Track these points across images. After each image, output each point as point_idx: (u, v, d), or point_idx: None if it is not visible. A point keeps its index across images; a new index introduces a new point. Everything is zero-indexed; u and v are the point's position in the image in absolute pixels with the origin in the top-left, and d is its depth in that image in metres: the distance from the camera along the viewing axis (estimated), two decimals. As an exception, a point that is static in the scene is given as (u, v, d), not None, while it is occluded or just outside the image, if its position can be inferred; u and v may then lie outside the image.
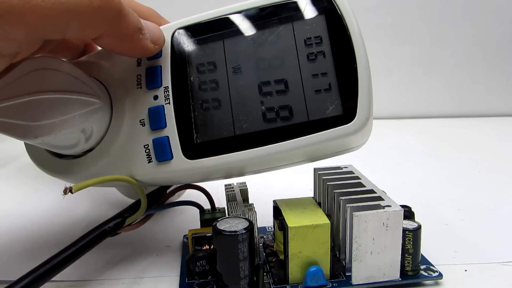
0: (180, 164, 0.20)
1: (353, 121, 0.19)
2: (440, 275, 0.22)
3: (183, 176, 0.21)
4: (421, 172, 0.40)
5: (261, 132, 0.20)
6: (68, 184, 0.19)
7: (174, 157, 0.20)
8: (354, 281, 0.21)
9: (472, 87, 0.65)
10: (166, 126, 0.21)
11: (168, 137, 0.20)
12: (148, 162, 0.21)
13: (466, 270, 0.23)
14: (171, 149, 0.20)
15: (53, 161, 0.22)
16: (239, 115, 0.20)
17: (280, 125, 0.20)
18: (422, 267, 0.22)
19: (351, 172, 0.25)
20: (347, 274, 0.21)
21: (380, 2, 0.60)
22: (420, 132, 0.55)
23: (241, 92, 0.21)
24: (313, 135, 0.20)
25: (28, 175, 0.39)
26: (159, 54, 0.22)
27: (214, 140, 0.20)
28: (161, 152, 0.20)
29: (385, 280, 0.21)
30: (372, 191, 0.22)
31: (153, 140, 0.21)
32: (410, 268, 0.21)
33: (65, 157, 0.22)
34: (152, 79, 0.21)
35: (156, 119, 0.21)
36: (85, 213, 0.31)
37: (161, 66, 0.21)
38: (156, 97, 0.21)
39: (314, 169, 0.26)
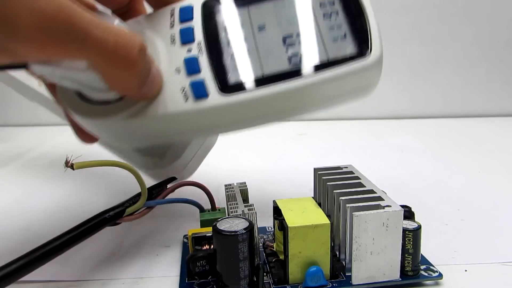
0: (215, 99, 0.22)
1: (370, 55, 0.22)
2: (440, 275, 0.22)
3: (218, 114, 0.22)
4: (421, 172, 0.40)
5: (287, 71, 0.22)
6: (70, 158, 0.19)
7: (209, 94, 0.22)
8: (354, 281, 0.21)
9: (472, 87, 0.65)
10: (200, 71, 0.22)
11: (203, 79, 0.22)
12: (185, 102, 0.22)
13: (466, 270, 0.23)
14: (206, 88, 0.22)
15: (87, 106, 0.23)
16: (267, 61, 0.22)
17: (307, 63, 0.22)
18: (422, 267, 0.22)
19: (351, 172, 0.25)
20: (347, 274, 0.21)
21: (380, 2, 0.60)
22: (420, 132, 0.55)
23: (267, 44, 0.23)
24: (336, 67, 0.22)
25: (27, 175, 0.40)
26: (190, 17, 0.24)
27: (245, 80, 0.22)
28: (198, 90, 0.22)
29: (385, 280, 0.21)
30: (372, 191, 0.22)
31: (189, 82, 0.22)
32: (410, 268, 0.21)
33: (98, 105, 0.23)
34: (186, 36, 0.23)
35: (191, 65, 0.22)
36: (87, 213, 0.30)
37: (193, 28, 0.23)
38: (189, 50, 0.23)
39: (314, 169, 0.26)
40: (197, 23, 0.24)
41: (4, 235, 0.28)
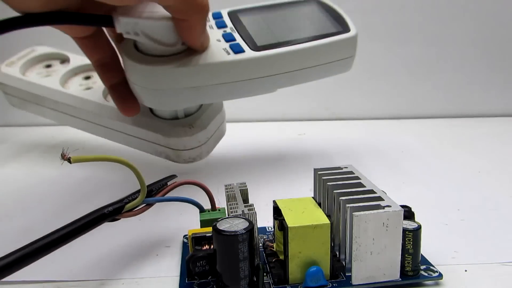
0: (250, 53, 0.31)
1: (350, 32, 0.35)
2: (440, 275, 0.22)
3: (251, 66, 0.32)
4: (421, 172, 0.40)
5: (295, 39, 0.33)
6: (67, 151, 0.19)
7: (245, 51, 0.31)
8: (354, 281, 0.21)
9: (472, 87, 0.65)
10: (236, 39, 0.32)
11: (239, 43, 0.32)
12: (228, 55, 0.31)
13: (466, 270, 0.23)
14: (242, 47, 0.31)
15: (147, 57, 0.30)
16: (281, 35, 0.34)
17: (309, 36, 0.34)
18: (422, 267, 0.22)
19: (351, 172, 0.25)
20: (347, 274, 0.21)
21: (380, 2, 0.60)
22: (420, 132, 0.55)
23: (279, 30, 0.34)
24: (331, 37, 0.34)
25: (26, 175, 0.40)
26: (220, 16, 0.35)
27: (268, 44, 0.32)
28: (236, 48, 0.31)
29: (385, 280, 0.21)
30: (372, 191, 0.22)
31: (229, 45, 0.31)
32: (410, 268, 0.21)
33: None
34: (221, 24, 0.34)
35: (228, 36, 0.32)
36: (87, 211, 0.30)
37: (225, 21, 0.34)
38: (225, 31, 0.33)
39: (314, 169, 0.26)
40: (226, 19, 0.35)
41: (4, 234, 0.28)
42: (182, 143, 0.36)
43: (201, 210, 0.25)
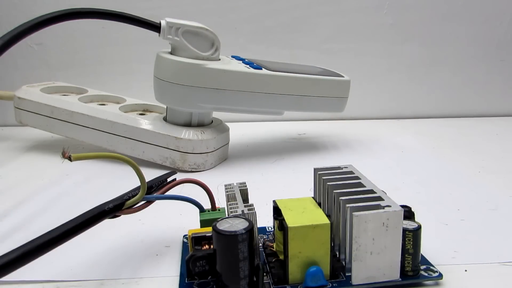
0: (265, 72, 0.39)
1: (345, 77, 0.44)
2: (440, 275, 0.22)
3: (265, 81, 0.39)
4: (421, 172, 0.40)
5: (306, 72, 0.42)
6: (67, 149, 0.19)
7: (262, 69, 0.39)
8: (354, 281, 0.21)
9: (472, 87, 0.65)
10: (254, 63, 0.41)
11: (258, 65, 0.40)
12: (248, 69, 0.38)
13: (466, 270, 0.23)
14: (260, 66, 0.40)
15: (178, 56, 0.38)
16: (292, 69, 0.42)
17: (314, 72, 0.43)
18: (422, 267, 0.22)
19: (351, 172, 0.25)
20: (347, 274, 0.21)
21: (380, 2, 0.60)
22: (420, 132, 0.55)
23: (290, 67, 0.44)
24: (331, 77, 0.43)
25: (26, 174, 0.40)
26: (239, 57, 0.43)
27: (281, 69, 0.41)
28: (255, 66, 0.39)
29: (385, 280, 0.21)
30: (372, 191, 0.22)
31: (249, 65, 0.40)
32: (410, 268, 0.21)
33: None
34: (238, 58, 0.43)
35: (249, 63, 0.41)
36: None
37: (245, 58, 0.43)
38: (244, 61, 0.42)
39: (314, 169, 0.26)
40: (246, 59, 0.43)
41: (4, 233, 0.28)
42: (192, 144, 0.39)
43: (201, 210, 0.25)
